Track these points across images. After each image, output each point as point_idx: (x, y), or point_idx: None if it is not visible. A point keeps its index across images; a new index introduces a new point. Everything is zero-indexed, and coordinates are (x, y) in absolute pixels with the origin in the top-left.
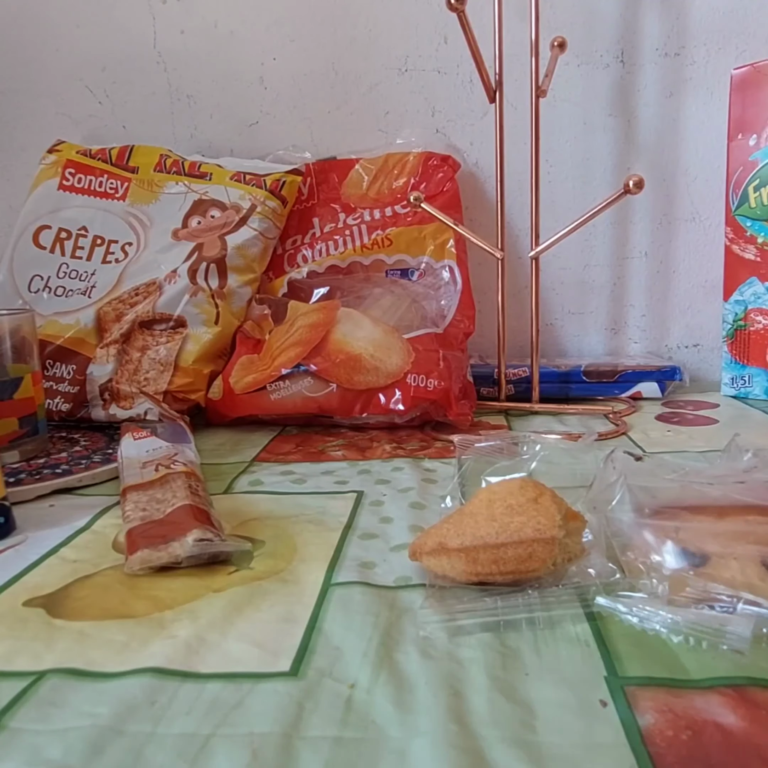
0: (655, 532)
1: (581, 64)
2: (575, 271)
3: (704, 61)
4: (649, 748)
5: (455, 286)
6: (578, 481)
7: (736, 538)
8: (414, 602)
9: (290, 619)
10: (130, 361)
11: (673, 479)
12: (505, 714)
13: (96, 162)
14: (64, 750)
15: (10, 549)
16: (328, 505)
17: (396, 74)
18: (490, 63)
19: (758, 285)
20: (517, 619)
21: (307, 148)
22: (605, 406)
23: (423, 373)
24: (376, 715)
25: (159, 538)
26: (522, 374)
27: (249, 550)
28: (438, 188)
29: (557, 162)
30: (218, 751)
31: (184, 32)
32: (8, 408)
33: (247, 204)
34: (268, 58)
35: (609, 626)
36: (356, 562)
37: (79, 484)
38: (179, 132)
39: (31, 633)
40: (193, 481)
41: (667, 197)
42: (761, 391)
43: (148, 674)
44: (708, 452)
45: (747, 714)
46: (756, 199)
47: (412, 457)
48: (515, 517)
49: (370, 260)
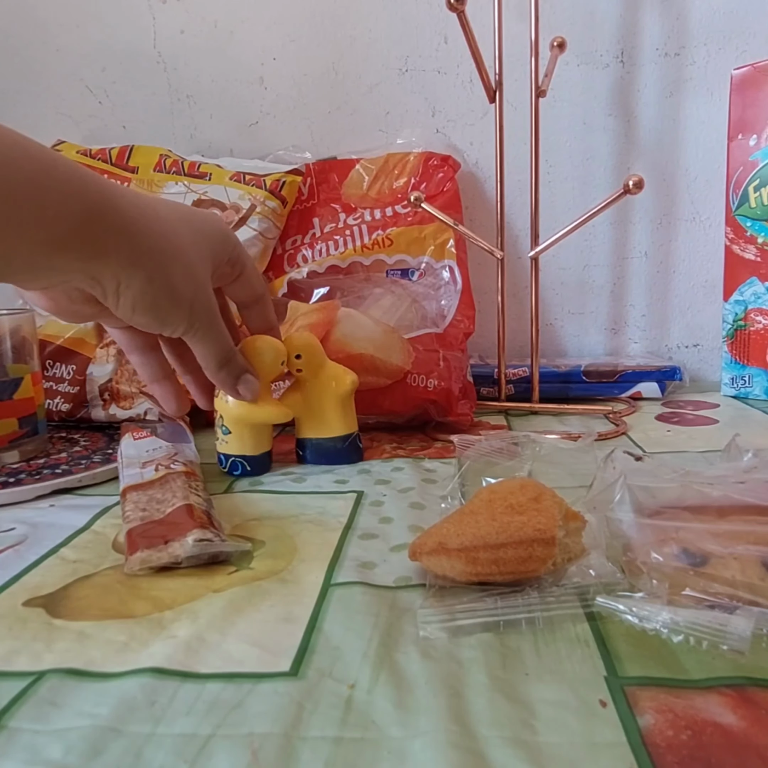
0: (655, 532)
1: (581, 64)
2: (575, 271)
3: (704, 61)
4: (649, 748)
5: (455, 286)
6: (578, 481)
7: (736, 538)
8: (414, 602)
9: (290, 619)
10: (130, 361)
11: (673, 479)
12: (505, 714)
13: (96, 162)
14: (64, 750)
15: (10, 549)
16: (328, 505)
17: (396, 74)
18: (490, 63)
19: (758, 285)
20: (517, 619)
21: (307, 148)
22: (605, 406)
23: (423, 373)
24: (376, 715)
25: (159, 538)
26: (522, 374)
27: (249, 550)
28: (438, 188)
29: (557, 162)
30: (218, 751)
31: (184, 32)
32: (8, 408)
33: (247, 204)
34: (268, 58)
35: (609, 626)
36: (356, 562)
37: (79, 484)
38: (179, 132)
39: (31, 633)
40: (193, 481)
41: (667, 197)
42: (761, 391)
43: (147, 674)
44: (708, 452)
45: (747, 714)
46: (756, 199)
47: (412, 457)
48: (515, 516)
49: (370, 260)
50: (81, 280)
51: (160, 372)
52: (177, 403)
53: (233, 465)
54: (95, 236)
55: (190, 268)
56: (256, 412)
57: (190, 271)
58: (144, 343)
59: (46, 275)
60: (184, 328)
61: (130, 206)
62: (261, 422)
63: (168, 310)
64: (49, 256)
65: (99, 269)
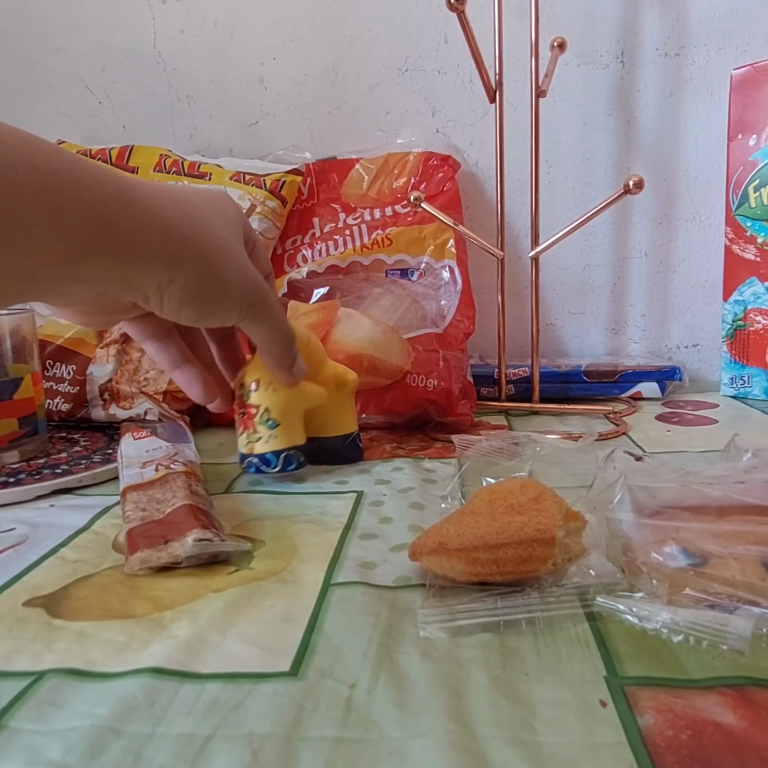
0: (655, 532)
1: (581, 64)
2: (575, 271)
3: (704, 61)
4: (649, 747)
5: (455, 286)
6: (578, 481)
7: (736, 538)
8: (414, 602)
9: (290, 619)
10: (130, 361)
11: (673, 479)
12: (505, 714)
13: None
14: (64, 750)
15: (10, 549)
16: (328, 505)
17: (396, 74)
18: (490, 63)
19: (758, 285)
20: (517, 619)
21: (307, 148)
22: (605, 406)
23: (423, 373)
24: (377, 715)
25: (159, 538)
26: (522, 374)
27: (249, 550)
28: (438, 188)
29: (557, 162)
30: (218, 751)
31: (184, 32)
32: (8, 408)
33: (247, 204)
34: (268, 58)
35: (609, 626)
36: (356, 562)
37: (79, 484)
38: (179, 132)
39: (31, 633)
40: (193, 481)
41: (667, 197)
42: (761, 391)
43: (147, 674)
44: (708, 452)
45: (747, 714)
46: (756, 199)
47: (412, 457)
48: (515, 516)
49: (370, 260)
50: (117, 289)
51: (179, 357)
52: (203, 388)
53: (287, 460)
54: (128, 240)
55: (230, 251)
56: (309, 393)
57: (231, 255)
58: (159, 329)
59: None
60: (236, 315)
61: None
62: (316, 403)
63: (217, 300)
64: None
65: (137, 275)
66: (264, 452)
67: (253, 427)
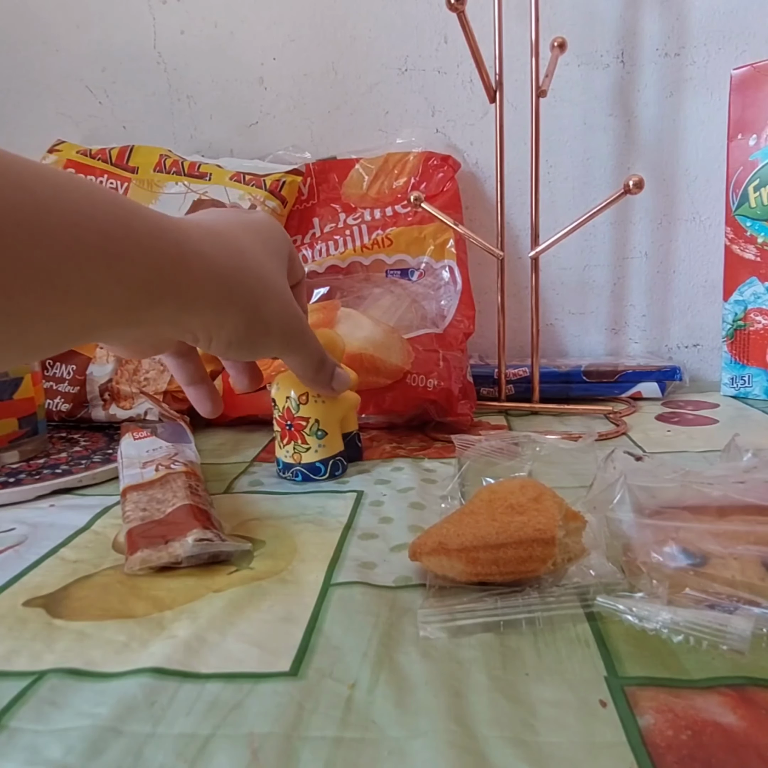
0: (655, 532)
1: (581, 64)
2: (575, 271)
3: (704, 61)
4: (649, 748)
5: (455, 286)
6: (578, 481)
7: (736, 538)
8: (414, 602)
9: (290, 619)
10: (130, 361)
11: (673, 479)
12: (505, 714)
13: (96, 162)
14: (64, 750)
15: (10, 549)
16: (327, 505)
17: (396, 74)
18: (490, 63)
19: (758, 285)
20: (517, 619)
21: (307, 148)
22: (605, 406)
23: (423, 374)
24: (376, 715)
25: (159, 538)
26: (522, 374)
27: (249, 550)
28: (438, 188)
29: (557, 162)
30: (218, 751)
31: (184, 32)
32: (8, 408)
33: (247, 204)
34: (268, 58)
35: (609, 626)
36: (356, 562)
37: (79, 484)
38: (179, 132)
39: (31, 633)
40: (193, 481)
41: (667, 197)
42: (761, 391)
43: (147, 674)
44: (708, 452)
45: (747, 714)
46: (756, 199)
47: (412, 457)
48: (515, 516)
49: (370, 260)
50: (168, 331)
51: (196, 375)
52: (212, 405)
53: (335, 465)
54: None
55: (274, 290)
56: (348, 400)
57: (275, 294)
58: (182, 347)
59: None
60: (278, 351)
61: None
62: (353, 408)
63: (261, 340)
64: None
65: (189, 318)
66: (314, 461)
67: (302, 438)
